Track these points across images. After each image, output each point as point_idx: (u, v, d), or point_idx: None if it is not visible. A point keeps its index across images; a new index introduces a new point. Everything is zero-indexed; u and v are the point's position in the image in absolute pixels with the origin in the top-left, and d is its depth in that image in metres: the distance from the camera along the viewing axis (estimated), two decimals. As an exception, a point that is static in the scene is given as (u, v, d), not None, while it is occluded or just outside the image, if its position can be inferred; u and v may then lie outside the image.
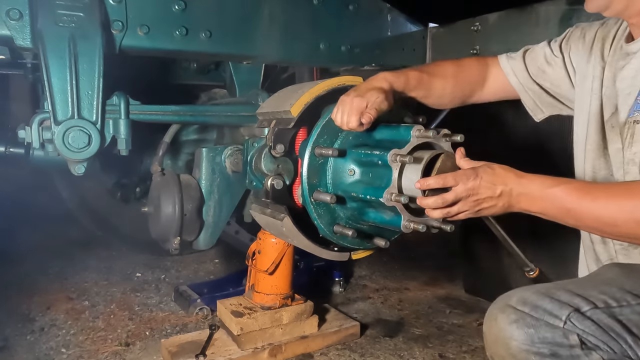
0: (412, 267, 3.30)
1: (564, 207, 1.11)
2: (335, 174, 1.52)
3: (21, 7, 1.63)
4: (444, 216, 1.24)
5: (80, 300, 2.65)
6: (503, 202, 1.18)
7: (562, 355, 0.95)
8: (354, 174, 1.48)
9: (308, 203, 1.51)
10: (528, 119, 2.17)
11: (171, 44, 1.92)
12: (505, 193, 1.17)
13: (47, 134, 1.70)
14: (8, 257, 3.13)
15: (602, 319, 0.96)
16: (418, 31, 2.61)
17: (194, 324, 2.39)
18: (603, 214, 1.07)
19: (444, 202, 1.20)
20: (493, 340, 1.04)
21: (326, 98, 1.59)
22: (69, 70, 1.65)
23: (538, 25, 2.20)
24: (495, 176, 1.18)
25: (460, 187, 1.18)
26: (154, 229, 2.05)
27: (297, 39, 2.21)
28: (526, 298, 1.02)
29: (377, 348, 2.19)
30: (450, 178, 1.19)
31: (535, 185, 1.14)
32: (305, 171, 1.50)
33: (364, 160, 1.45)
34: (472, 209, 1.21)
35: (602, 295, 1.01)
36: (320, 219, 1.53)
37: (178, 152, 2.53)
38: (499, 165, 1.20)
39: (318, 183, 1.51)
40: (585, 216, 1.10)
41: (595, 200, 1.08)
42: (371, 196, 1.38)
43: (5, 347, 2.14)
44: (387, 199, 1.31)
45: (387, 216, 1.40)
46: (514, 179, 1.16)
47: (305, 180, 1.50)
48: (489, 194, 1.17)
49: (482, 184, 1.17)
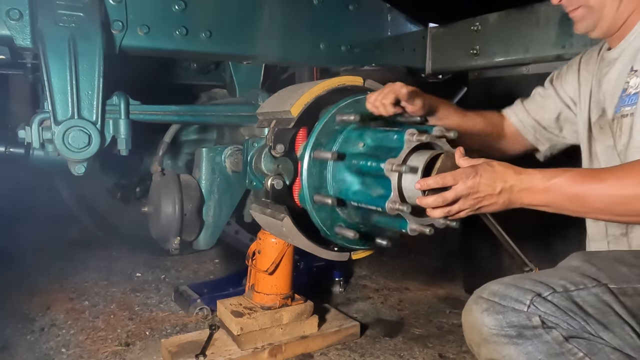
0: (412, 267, 3.30)
1: (569, 194, 1.14)
2: (335, 178, 1.51)
3: (21, 7, 1.64)
4: (445, 215, 1.24)
5: (80, 300, 2.64)
6: (503, 199, 1.19)
7: (526, 335, 1.05)
8: (354, 180, 1.47)
9: (309, 205, 1.51)
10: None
11: (171, 44, 1.92)
12: (506, 190, 1.18)
13: (47, 134, 1.70)
14: (8, 257, 3.13)
15: (560, 302, 1.07)
16: (418, 31, 2.61)
17: (194, 324, 2.39)
18: (612, 192, 1.11)
19: (444, 201, 1.21)
20: (469, 328, 1.14)
21: (326, 98, 1.59)
22: (69, 70, 1.66)
23: (538, 25, 2.20)
24: (495, 173, 1.19)
25: (460, 186, 1.19)
26: (154, 229, 2.05)
27: (297, 39, 2.21)
28: (496, 289, 1.12)
29: (377, 348, 2.19)
30: (449, 177, 1.20)
31: (536, 179, 1.17)
32: (305, 173, 1.50)
33: (362, 169, 1.43)
34: (473, 206, 1.22)
35: (561, 280, 1.11)
36: (321, 221, 1.53)
37: (178, 152, 2.54)
38: (498, 162, 1.22)
39: (319, 185, 1.51)
40: (593, 199, 1.13)
41: (602, 181, 1.12)
42: (374, 205, 1.36)
43: (5, 347, 2.14)
44: (389, 208, 1.29)
45: (391, 220, 1.39)
46: (514, 176, 1.18)
47: (305, 184, 1.50)
48: (489, 191, 1.19)
49: (482, 182, 1.18)
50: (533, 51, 2.23)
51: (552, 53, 2.16)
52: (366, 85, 1.63)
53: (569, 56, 2.12)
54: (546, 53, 2.19)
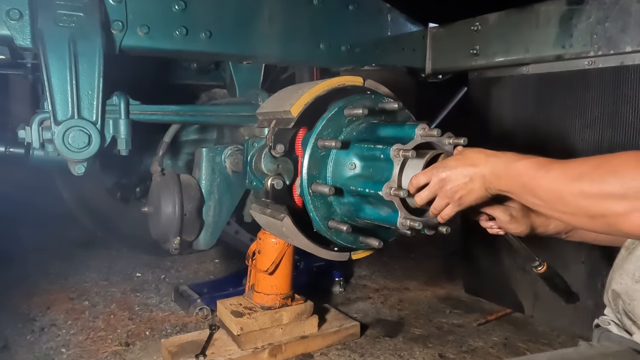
0: (412, 267, 3.30)
1: (522, 182, 1.07)
2: (335, 167, 1.52)
3: (21, 7, 1.64)
4: (434, 214, 1.25)
5: (80, 300, 2.65)
6: (479, 184, 1.15)
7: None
8: (355, 167, 1.49)
9: (306, 194, 1.51)
10: (528, 119, 2.17)
11: (171, 44, 1.92)
12: (477, 175, 1.14)
13: (47, 134, 1.70)
14: (8, 257, 3.13)
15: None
16: (418, 31, 2.61)
17: (194, 324, 2.39)
18: (552, 185, 1.01)
19: (421, 200, 1.22)
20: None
21: (326, 98, 1.59)
22: (69, 70, 1.66)
23: (538, 25, 2.20)
24: (464, 160, 1.16)
25: (432, 181, 1.19)
26: (154, 229, 2.05)
27: (297, 39, 2.21)
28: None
29: (377, 348, 2.19)
30: (421, 176, 1.22)
31: (501, 162, 1.11)
32: (306, 162, 1.50)
33: (367, 154, 1.45)
34: (453, 199, 1.19)
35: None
36: (316, 211, 1.53)
37: (178, 152, 2.53)
38: (472, 149, 1.19)
39: (318, 175, 1.52)
40: (539, 190, 1.04)
41: (548, 172, 1.02)
42: (370, 189, 1.38)
43: (5, 347, 2.14)
44: (386, 192, 1.31)
45: (384, 212, 1.40)
46: (484, 159, 1.14)
47: (305, 171, 1.50)
48: (461, 180, 1.16)
49: (452, 173, 1.17)
50: (533, 51, 2.23)
51: (552, 53, 2.16)
52: (366, 85, 1.63)
53: (569, 56, 2.12)
54: (546, 53, 2.19)
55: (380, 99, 1.57)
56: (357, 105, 1.52)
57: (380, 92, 1.63)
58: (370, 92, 1.61)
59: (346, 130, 1.54)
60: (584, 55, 2.08)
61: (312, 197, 1.51)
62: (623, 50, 1.95)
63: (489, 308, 2.61)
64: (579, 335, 2.27)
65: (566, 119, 2.22)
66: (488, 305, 2.65)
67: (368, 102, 1.55)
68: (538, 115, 2.32)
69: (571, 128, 2.20)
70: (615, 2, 1.95)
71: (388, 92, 1.65)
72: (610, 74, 2.04)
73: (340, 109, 1.52)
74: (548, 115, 2.28)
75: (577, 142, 2.18)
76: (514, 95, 2.43)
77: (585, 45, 2.06)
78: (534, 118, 2.33)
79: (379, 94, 1.62)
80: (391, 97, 1.63)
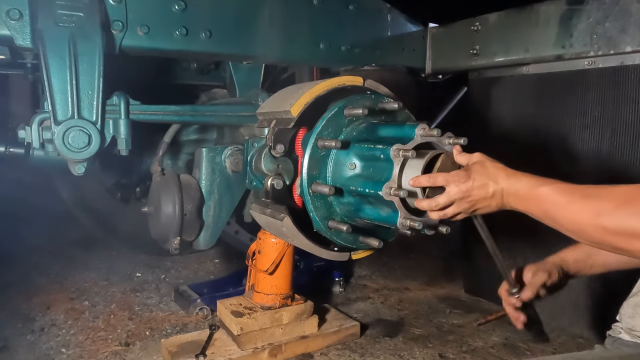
0: (412, 267, 3.30)
1: (544, 208, 1.11)
2: (336, 167, 1.52)
3: (21, 7, 1.63)
4: (441, 218, 1.25)
5: (80, 300, 2.65)
6: (496, 201, 1.19)
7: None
8: (355, 167, 1.49)
9: (306, 194, 1.51)
10: (528, 119, 2.16)
11: (171, 44, 1.92)
12: (497, 192, 1.18)
13: (47, 134, 1.70)
14: (8, 257, 3.13)
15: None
16: (418, 31, 2.61)
17: (194, 324, 2.39)
18: (575, 218, 1.05)
19: (437, 205, 1.21)
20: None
21: (326, 98, 1.59)
22: (69, 70, 1.65)
23: (538, 25, 2.20)
24: (487, 175, 1.18)
25: (453, 190, 1.19)
26: (154, 229, 2.05)
27: (297, 39, 2.21)
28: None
29: (377, 348, 2.19)
30: (440, 178, 1.21)
31: (522, 184, 1.15)
32: (306, 162, 1.50)
33: (367, 154, 1.46)
34: (468, 210, 1.22)
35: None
36: (316, 211, 1.53)
37: (178, 152, 2.53)
38: (491, 163, 1.21)
39: (318, 175, 1.52)
40: (561, 219, 1.08)
41: (571, 203, 1.06)
42: (370, 189, 1.38)
43: (5, 347, 2.14)
44: (386, 192, 1.31)
45: (383, 212, 1.40)
46: (505, 178, 1.17)
47: (305, 171, 1.50)
48: (482, 194, 1.19)
49: (475, 185, 1.18)
50: (533, 51, 2.23)
51: (552, 53, 2.17)
52: (366, 85, 1.63)
53: (569, 56, 2.12)
54: (546, 53, 2.19)
55: (380, 99, 1.58)
56: (357, 105, 1.52)
57: (380, 92, 1.63)
58: (370, 92, 1.61)
59: (346, 130, 1.54)
60: (584, 55, 2.08)
61: (312, 197, 1.51)
62: (623, 50, 1.95)
63: (489, 308, 2.61)
64: (579, 335, 2.27)
65: (566, 119, 2.22)
66: (488, 305, 2.65)
67: (368, 102, 1.55)
68: (538, 115, 2.32)
69: (571, 128, 2.20)
70: (615, 2, 1.95)
71: (388, 92, 1.65)
72: (610, 74, 2.04)
73: (340, 109, 1.52)
74: (548, 115, 2.28)
75: (577, 142, 2.18)
76: (514, 95, 2.43)
77: (585, 45, 2.06)
78: (534, 118, 2.34)
79: (379, 94, 1.62)
80: (391, 97, 1.63)
